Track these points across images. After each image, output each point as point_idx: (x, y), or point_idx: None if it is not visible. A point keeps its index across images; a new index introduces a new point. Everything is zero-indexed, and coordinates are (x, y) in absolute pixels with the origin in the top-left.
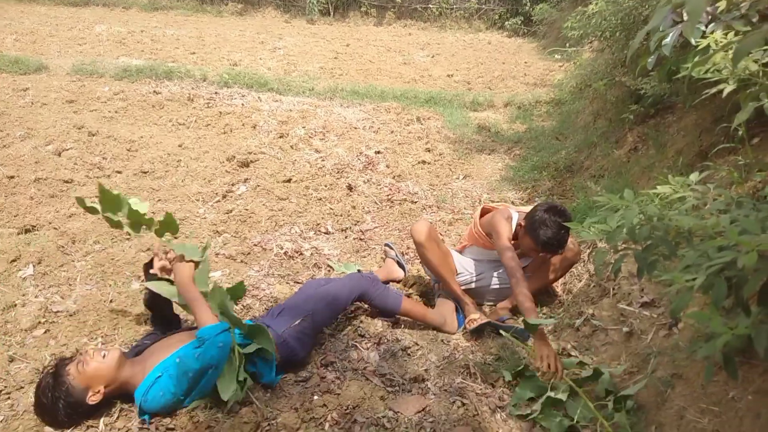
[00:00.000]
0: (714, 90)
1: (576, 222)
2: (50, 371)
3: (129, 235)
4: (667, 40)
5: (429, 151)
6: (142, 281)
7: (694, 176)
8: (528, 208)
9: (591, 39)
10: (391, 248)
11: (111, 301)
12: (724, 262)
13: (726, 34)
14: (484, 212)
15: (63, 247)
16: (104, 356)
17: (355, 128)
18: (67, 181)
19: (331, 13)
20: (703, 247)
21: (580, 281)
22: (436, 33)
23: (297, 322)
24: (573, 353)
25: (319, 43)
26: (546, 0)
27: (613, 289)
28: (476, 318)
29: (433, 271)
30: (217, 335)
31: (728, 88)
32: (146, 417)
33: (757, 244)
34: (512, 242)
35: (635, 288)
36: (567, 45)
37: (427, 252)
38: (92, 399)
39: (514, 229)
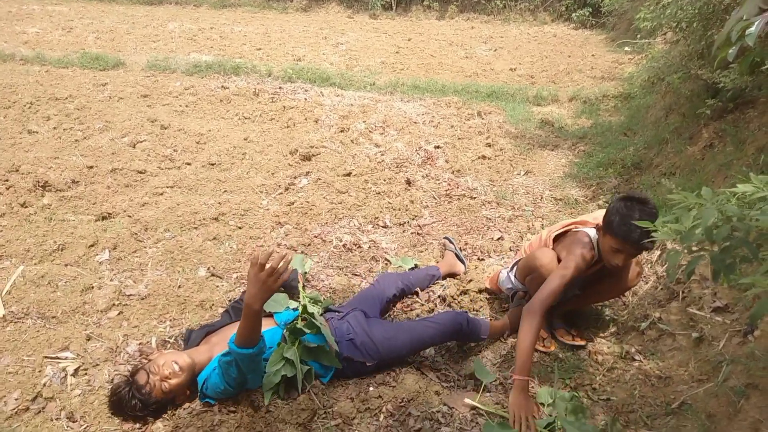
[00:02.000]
0: None
1: (648, 221)
2: (131, 393)
3: (195, 226)
4: (752, 29)
5: (489, 146)
6: (209, 269)
7: None
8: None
9: (665, 30)
10: (451, 242)
11: (179, 287)
12: None
13: None
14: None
15: (136, 234)
16: (179, 369)
17: (415, 123)
18: (141, 172)
19: (394, 8)
20: None
21: (647, 283)
22: (499, 26)
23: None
24: (637, 357)
25: (381, 38)
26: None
27: (683, 292)
28: None
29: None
30: (239, 352)
31: None
32: (208, 400)
33: None
34: (595, 264)
35: (707, 292)
36: (638, 37)
37: (542, 277)
38: (179, 401)
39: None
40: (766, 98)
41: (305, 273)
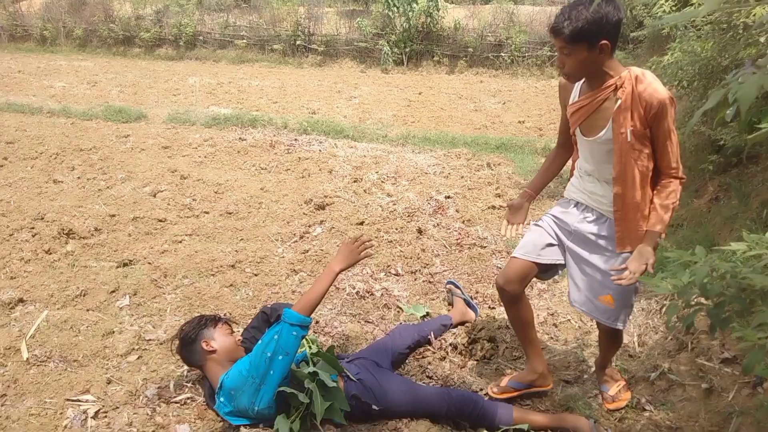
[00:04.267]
0: None
1: (648, 276)
2: (201, 325)
3: (213, 273)
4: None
5: (499, 196)
6: (225, 315)
7: None
8: None
9: (668, 88)
10: (457, 287)
11: None
12: None
13: None
14: None
15: (156, 280)
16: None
17: (426, 173)
18: (161, 220)
19: (405, 63)
20: None
21: (656, 333)
22: (507, 80)
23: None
24: (648, 407)
25: (392, 92)
26: (622, 48)
27: (692, 343)
28: None
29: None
30: (293, 325)
31: None
32: (223, 400)
33: None
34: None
35: (715, 343)
36: None
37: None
38: (205, 346)
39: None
40: (767, 154)
41: None
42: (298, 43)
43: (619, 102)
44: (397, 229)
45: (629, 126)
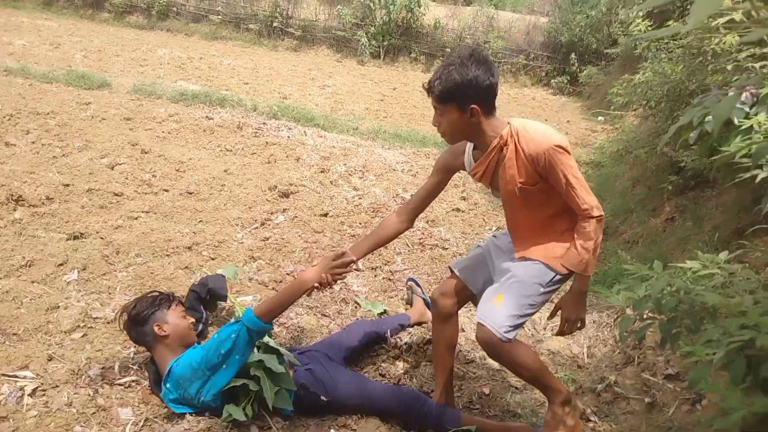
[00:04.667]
0: (748, 175)
1: (604, 287)
2: (155, 305)
3: (168, 253)
4: (710, 117)
5: (464, 199)
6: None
7: (723, 255)
8: None
9: (636, 106)
10: (418, 285)
11: None
12: (744, 341)
13: None
14: None
15: (107, 256)
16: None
17: (394, 170)
18: (117, 194)
19: (382, 57)
20: (726, 324)
21: (605, 346)
22: None
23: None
24: (592, 418)
25: (367, 85)
26: (594, 63)
27: (638, 357)
28: None
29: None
30: (250, 329)
31: (762, 175)
32: (169, 386)
33: None
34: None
35: (660, 359)
36: (611, 108)
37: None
38: (157, 330)
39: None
40: (722, 180)
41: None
42: (275, 24)
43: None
44: (360, 223)
45: (517, 183)
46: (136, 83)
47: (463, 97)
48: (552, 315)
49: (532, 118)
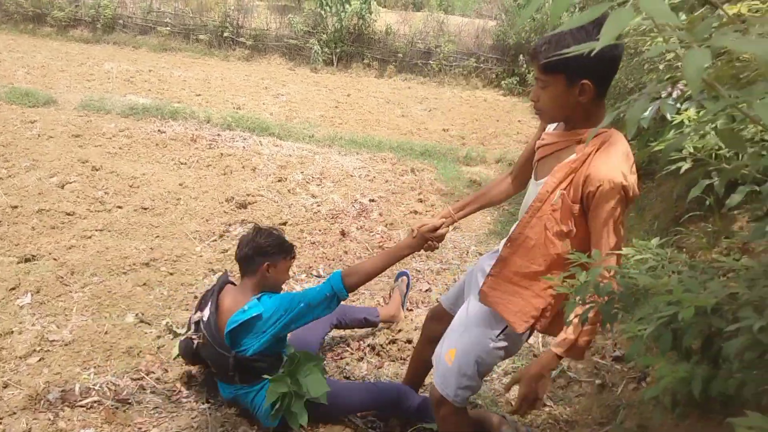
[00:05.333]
0: (674, 167)
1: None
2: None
3: (125, 271)
4: (646, 113)
5: (421, 201)
6: (137, 315)
7: (655, 241)
8: None
9: None
10: (407, 285)
11: (105, 333)
12: (669, 315)
13: (698, 113)
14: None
15: (62, 277)
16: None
17: (351, 176)
18: (69, 214)
19: (335, 64)
20: (654, 302)
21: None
22: (434, 88)
23: None
24: (548, 403)
25: (321, 92)
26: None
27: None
28: None
29: None
30: (333, 292)
31: (685, 166)
32: (242, 315)
33: (695, 301)
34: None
35: (608, 343)
36: None
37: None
38: (266, 267)
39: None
40: (659, 172)
41: None
42: (225, 34)
43: (571, 157)
44: (320, 230)
45: (562, 188)
46: (83, 99)
47: (576, 68)
48: (508, 388)
49: (484, 120)
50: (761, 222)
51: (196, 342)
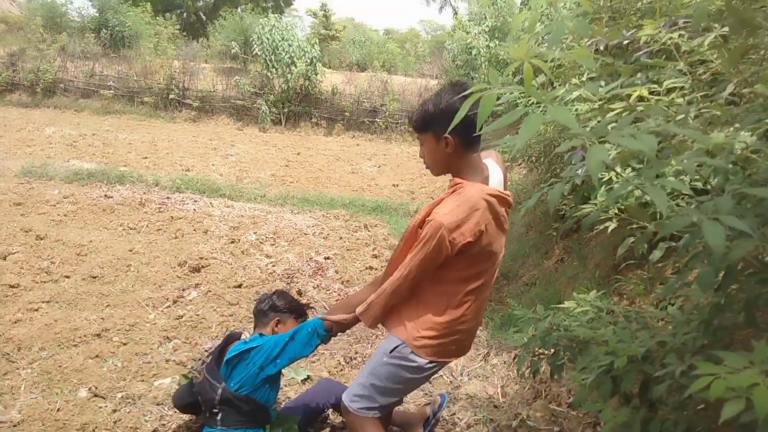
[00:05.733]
0: (602, 227)
1: (507, 331)
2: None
3: (75, 343)
4: (579, 171)
5: (376, 257)
6: (91, 389)
7: (592, 294)
8: None
9: (519, 161)
10: (441, 404)
11: (58, 410)
12: (607, 364)
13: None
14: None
15: (8, 354)
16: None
17: (305, 234)
18: (12, 286)
19: (283, 123)
20: (594, 352)
21: (516, 384)
22: (382, 144)
23: None
24: None
25: (270, 151)
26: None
27: (545, 391)
28: None
29: None
30: (313, 327)
31: (612, 226)
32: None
33: (627, 351)
34: None
35: (563, 390)
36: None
37: None
38: (274, 324)
39: None
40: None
41: None
42: (171, 96)
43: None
44: None
45: (418, 219)
46: (24, 165)
47: (438, 127)
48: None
49: (432, 174)
50: (680, 274)
51: (196, 377)
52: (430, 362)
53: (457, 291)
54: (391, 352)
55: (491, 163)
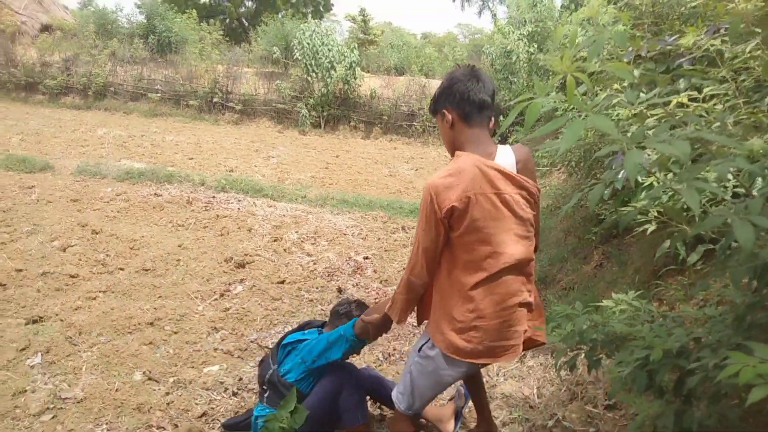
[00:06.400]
0: (640, 229)
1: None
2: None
3: (130, 330)
4: (619, 175)
5: None
6: (145, 373)
7: (631, 294)
8: None
9: (559, 167)
10: (466, 398)
11: (116, 390)
12: (643, 358)
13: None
14: None
15: (70, 338)
16: None
17: (345, 234)
18: (72, 276)
19: (322, 126)
20: (630, 346)
21: (552, 385)
22: (419, 148)
23: None
24: None
25: (310, 154)
26: (521, 124)
27: (581, 393)
28: None
29: None
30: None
31: (651, 228)
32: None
33: (663, 345)
34: None
35: (600, 392)
36: (541, 166)
37: None
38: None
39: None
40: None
41: None
42: (215, 100)
43: None
44: (317, 288)
45: None
46: (79, 164)
47: (440, 103)
48: None
49: None
50: (715, 272)
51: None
52: (458, 360)
53: (465, 282)
54: (420, 350)
55: (507, 148)
